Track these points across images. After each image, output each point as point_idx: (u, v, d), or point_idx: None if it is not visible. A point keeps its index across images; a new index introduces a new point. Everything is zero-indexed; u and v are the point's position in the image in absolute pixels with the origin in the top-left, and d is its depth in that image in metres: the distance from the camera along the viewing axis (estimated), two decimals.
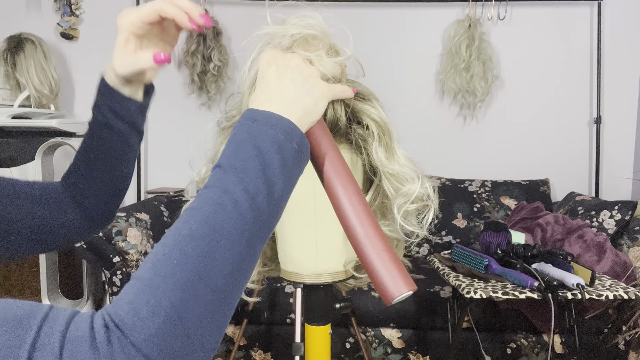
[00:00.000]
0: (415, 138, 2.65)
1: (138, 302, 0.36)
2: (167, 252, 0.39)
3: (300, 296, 1.43)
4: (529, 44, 2.61)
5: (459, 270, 1.57)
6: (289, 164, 0.46)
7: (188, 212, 0.42)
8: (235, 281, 0.40)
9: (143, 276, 0.37)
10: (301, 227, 0.73)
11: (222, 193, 0.42)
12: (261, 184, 0.44)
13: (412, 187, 0.63)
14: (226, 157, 0.46)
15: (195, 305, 0.37)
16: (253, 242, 0.43)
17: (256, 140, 0.46)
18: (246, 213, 0.42)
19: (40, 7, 2.67)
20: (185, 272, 0.37)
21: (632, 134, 2.61)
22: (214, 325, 0.38)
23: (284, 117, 0.48)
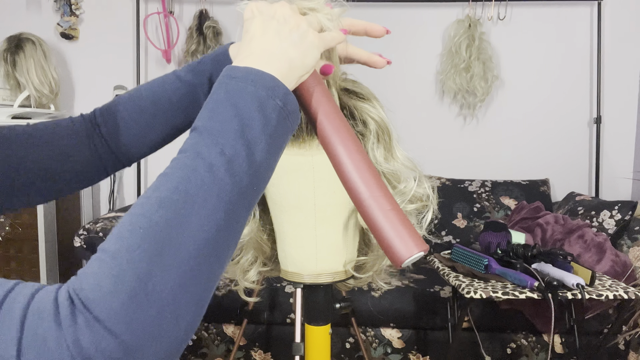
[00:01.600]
0: (415, 138, 2.65)
1: (101, 275, 0.33)
2: (133, 221, 0.36)
3: (300, 296, 1.43)
4: (529, 44, 2.61)
5: (459, 270, 1.57)
6: (272, 122, 0.43)
7: (159, 179, 0.39)
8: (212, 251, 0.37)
9: (108, 248, 0.35)
10: (301, 227, 0.73)
11: (195, 157, 0.39)
12: (240, 145, 0.40)
13: (408, 186, 0.63)
14: (202, 118, 0.42)
15: (164, 277, 0.34)
16: (233, 209, 0.39)
17: (234, 98, 0.42)
18: (223, 177, 0.39)
19: (40, 7, 2.67)
20: (152, 242, 0.35)
21: (632, 134, 2.61)
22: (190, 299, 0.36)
23: (266, 72, 0.44)
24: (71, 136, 0.61)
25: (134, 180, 2.70)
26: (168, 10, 2.60)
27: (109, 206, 2.69)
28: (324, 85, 0.52)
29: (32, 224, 2.25)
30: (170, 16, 2.61)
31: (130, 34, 2.65)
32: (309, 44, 0.49)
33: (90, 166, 0.62)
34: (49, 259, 2.18)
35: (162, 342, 0.34)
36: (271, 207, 0.75)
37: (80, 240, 1.84)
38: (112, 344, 0.32)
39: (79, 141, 0.61)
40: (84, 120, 0.63)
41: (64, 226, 2.32)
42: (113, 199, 2.69)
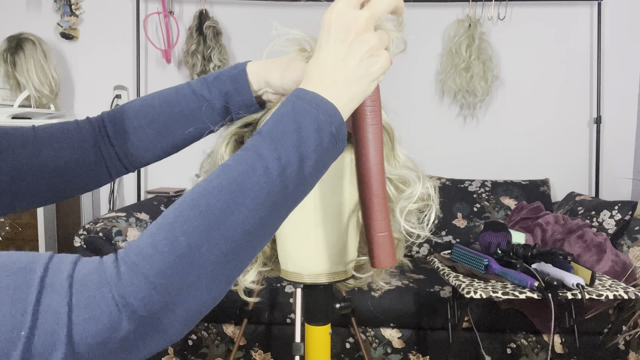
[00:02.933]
0: (415, 138, 2.65)
1: (158, 236, 0.38)
2: (195, 198, 0.41)
3: (300, 296, 1.43)
4: (529, 44, 2.61)
5: (459, 270, 1.57)
6: (323, 145, 0.47)
7: (221, 168, 0.44)
8: (252, 240, 0.42)
9: (167, 216, 0.40)
10: (301, 227, 0.73)
11: (256, 157, 0.44)
12: (294, 156, 0.45)
13: (415, 190, 0.63)
14: (267, 125, 0.47)
15: (209, 252, 0.39)
16: (276, 209, 0.44)
17: (298, 116, 0.47)
18: (275, 180, 0.43)
19: (40, 7, 2.67)
20: (207, 220, 0.40)
21: (632, 134, 2.61)
22: (223, 276, 0.41)
23: (329, 101, 0.49)
24: (77, 140, 0.61)
25: (134, 180, 2.70)
26: (168, 10, 2.60)
27: (109, 206, 2.69)
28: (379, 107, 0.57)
29: (32, 224, 2.25)
30: (170, 16, 2.61)
31: (130, 34, 2.65)
32: (374, 74, 0.52)
33: (94, 171, 0.63)
34: None
35: (192, 305, 0.39)
36: None
37: (80, 240, 1.84)
38: (155, 298, 0.37)
39: (85, 145, 0.62)
40: (91, 125, 0.63)
41: (64, 226, 2.32)
42: (113, 199, 2.69)
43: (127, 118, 0.64)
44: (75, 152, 0.61)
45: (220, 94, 0.64)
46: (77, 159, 0.61)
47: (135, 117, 0.64)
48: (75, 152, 0.61)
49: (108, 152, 0.64)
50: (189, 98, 0.64)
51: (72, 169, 0.61)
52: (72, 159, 0.60)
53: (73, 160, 0.61)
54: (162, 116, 0.64)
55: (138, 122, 0.64)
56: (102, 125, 0.64)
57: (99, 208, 2.74)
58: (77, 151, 0.61)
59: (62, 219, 2.32)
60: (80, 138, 0.62)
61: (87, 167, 0.62)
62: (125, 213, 1.98)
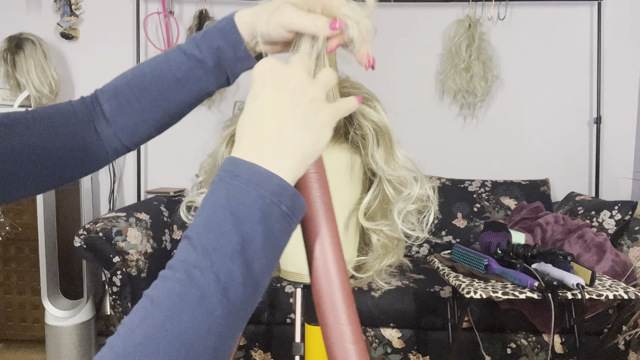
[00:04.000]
0: (415, 138, 2.65)
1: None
2: (117, 347, 0.33)
3: (300, 296, 1.43)
4: (529, 44, 2.61)
5: (459, 270, 1.57)
6: (275, 233, 0.38)
7: (144, 305, 0.35)
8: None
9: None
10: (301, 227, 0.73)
11: (186, 282, 0.35)
12: (237, 266, 0.36)
13: (412, 191, 0.63)
14: (197, 226, 0.37)
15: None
16: (224, 337, 0.36)
17: (234, 204, 0.37)
18: (215, 309, 0.35)
19: (40, 7, 2.67)
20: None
21: (632, 134, 2.61)
22: None
23: (274, 175, 0.39)
24: (72, 120, 0.59)
25: (134, 180, 2.70)
26: (168, 10, 2.60)
27: (109, 206, 2.69)
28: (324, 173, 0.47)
29: (32, 224, 2.25)
30: (170, 16, 2.61)
31: (130, 34, 2.65)
32: (324, 124, 0.43)
33: (92, 151, 0.60)
34: (49, 259, 2.18)
35: None
36: None
37: (80, 240, 1.84)
38: None
39: (80, 125, 0.59)
40: (85, 103, 0.61)
41: (64, 226, 2.32)
42: (113, 199, 2.69)
43: (119, 91, 0.60)
44: (70, 132, 0.58)
45: (211, 51, 0.57)
46: (72, 139, 0.58)
47: (127, 88, 0.60)
48: (70, 131, 0.58)
49: (104, 129, 0.60)
50: (180, 60, 0.59)
51: (68, 149, 0.58)
52: (67, 139, 0.58)
53: (68, 140, 0.58)
54: (155, 83, 0.59)
55: (131, 94, 0.60)
56: (97, 102, 0.61)
57: (99, 208, 2.74)
58: (72, 130, 0.58)
59: (62, 219, 2.31)
60: (74, 117, 0.59)
61: (83, 148, 0.59)
62: (125, 213, 1.98)
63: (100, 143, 0.60)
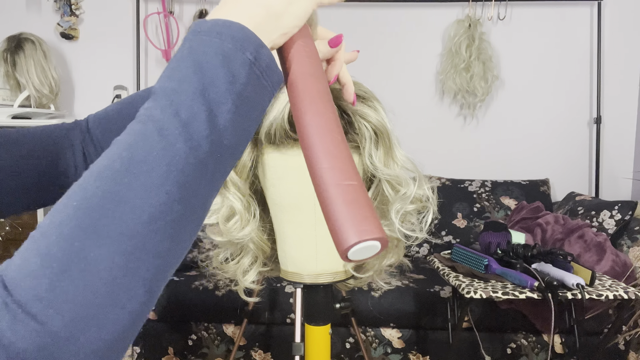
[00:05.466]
0: (415, 138, 2.65)
1: (28, 253, 0.29)
2: (70, 193, 0.32)
3: (300, 296, 1.43)
4: (529, 44, 2.61)
5: (459, 270, 1.57)
6: (240, 80, 0.36)
7: (107, 150, 0.34)
8: (161, 227, 0.32)
9: (41, 224, 0.31)
10: (301, 226, 0.73)
11: (146, 120, 0.34)
12: (199, 105, 0.34)
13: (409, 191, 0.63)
14: (161, 79, 0.37)
15: (99, 254, 0.29)
16: (189, 181, 0.33)
17: (196, 54, 0.36)
18: (175, 143, 0.33)
19: (40, 7, 2.67)
20: (86, 216, 0.30)
21: (632, 134, 2.61)
22: (135, 280, 0.31)
23: (234, 22, 0.37)
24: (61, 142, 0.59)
25: None
26: (168, 10, 2.60)
27: None
28: (312, 45, 0.43)
29: (32, 224, 2.25)
30: (170, 16, 2.61)
31: (130, 34, 2.66)
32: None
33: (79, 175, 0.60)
34: None
35: (100, 329, 0.29)
36: (271, 207, 0.75)
37: None
38: (35, 330, 0.28)
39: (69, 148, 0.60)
40: (77, 128, 0.62)
41: None
42: None
43: (111, 119, 0.61)
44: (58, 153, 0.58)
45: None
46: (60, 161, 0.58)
47: (118, 117, 0.61)
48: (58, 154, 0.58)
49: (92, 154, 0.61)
50: None
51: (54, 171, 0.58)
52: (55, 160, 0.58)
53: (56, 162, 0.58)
54: None
55: (122, 122, 0.60)
56: (87, 128, 0.62)
57: None
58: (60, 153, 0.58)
59: None
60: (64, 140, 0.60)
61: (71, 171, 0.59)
62: None
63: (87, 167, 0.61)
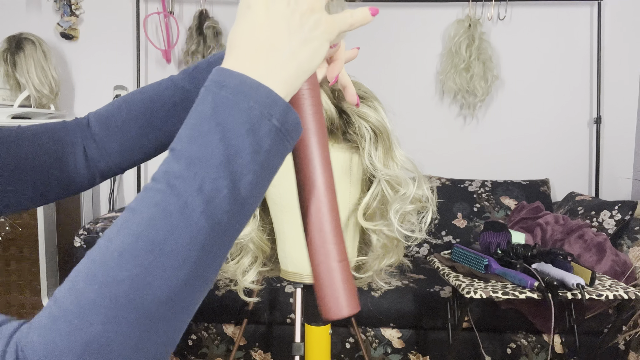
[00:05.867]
0: (415, 138, 2.65)
1: (50, 331, 0.30)
2: (91, 270, 0.32)
3: (300, 296, 1.43)
4: (529, 44, 2.61)
5: (459, 270, 1.57)
6: (264, 148, 0.35)
7: (125, 216, 0.34)
8: (178, 302, 0.33)
9: (61, 298, 0.31)
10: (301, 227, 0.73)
11: (168, 192, 0.33)
12: (222, 179, 0.34)
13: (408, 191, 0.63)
14: (182, 138, 0.35)
15: (119, 337, 0.31)
16: (206, 254, 0.34)
17: (221, 115, 0.35)
18: (197, 221, 0.33)
19: (40, 7, 2.67)
20: (109, 299, 0.31)
21: (632, 134, 2.61)
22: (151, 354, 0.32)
23: (262, 85, 0.36)
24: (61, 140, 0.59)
25: (134, 180, 2.70)
26: (168, 10, 2.60)
27: (109, 206, 2.69)
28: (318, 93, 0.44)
29: (32, 224, 2.25)
30: (170, 16, 2.61)
31: (130, 34, 2.65)
32: (321, 36, 0.39)
33: (80, 172, 0.61)
34: (49, 259, 2.19)
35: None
36: (271, 207, 0.75)
37: (80, 240, 1.84)
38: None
39: (69, 145, 0.60)
40: (77, 125, 0.62)
41: (64, 226, 2.32)
42: (113, 199, 2.69)
43: (111, 116, 0.61)
44: (58, 150, 0.58)
45: (200, 84, 0.58)
46: (61, 158, 0.58)
47: (118, 114, 0.61)
48: (58, 150, 0.58)
49: (93, 152, 0.61)
50: (170, 91, 0.60)
51: (55, 168, 0.58)
52: (55, 156, 0.58)
53: (57, 159, 0.58)
54: (145, 111, 0.61)
55: (122, 119, 0.61)
56: (88, 125, 0.62)
57: (99, 208, 2.74)
58: (60, 149, 0.59)
59: (62, 219, 2.32)
60: (65, 136, 0.60)
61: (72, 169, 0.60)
62: None
63: (88, 164, 0.62)
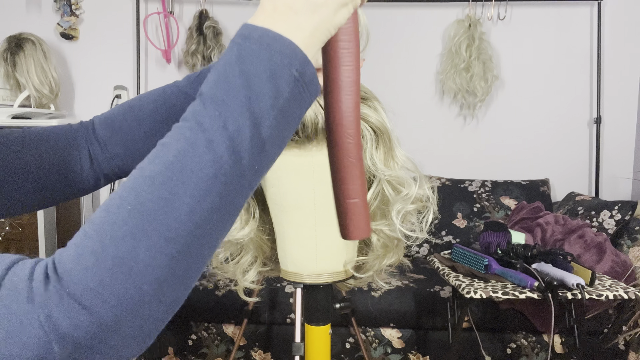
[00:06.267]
0: (415, 138, 2.65)
1: (83, 249, 0.33)
2: (123, 195, 0.35)
3: (300, 296, 1.43)
4: (529, 44, 2.61)
5: (459, 270, 1.57)
6: (284, 95, 0.39)
7: (156, 149, 0.37)
8: (202, 233, 0.35)
9: (94, 220, 0.34)
10: (301, 227, 0.73)
11: (195, 129, 0.37)
12: (245, 119, 0.37)
13: (410, 191, 0.63)
14: (208, 82, 0.39)
15: (148, 257, 0.33)
16: (229, 190, 0.37)
17: (245, 64, 0.38)
18: (222, 155, 0.36)
19: (40, 7, 2.67)
20: (139, 221, 0.33)
21: (632, 134, 2.61)
22: (175, 280, 0.35)
23: (284, 37, 0.39)
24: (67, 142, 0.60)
25: None
26: (168, 10, 2.60)
27: None
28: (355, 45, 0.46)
29: (32, 224, 2.25)
30: (170, 16, 2.61)
31: (130, 34, 2.65)
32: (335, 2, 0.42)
33: (84, 175, 0.61)
34: None
35: (141, 320, 0.33)
36: (271, 207, 0.76)
37: None
38: (87, 319, 0.31)
39: (74, 148, 0.61)
40: (82, 127, 0.62)
41: (64, 226, 2.32)
42: None
43: (116, 120, 0.62)
44: (64, 153, 0.59)
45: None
46: (66, 161, 0.59)
47: (123, 119, 0.62)
48: (64, 152, 0.59)
49: (98, 154, 0.62)
50: (174, 97, 0.61)
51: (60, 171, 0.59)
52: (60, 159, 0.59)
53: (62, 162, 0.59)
54: (149, 117, 0.61)
55: (126, 124, 0.62)
56: (92, 128, 0.63)
57: None
58: (66, 152, 0.59)
59: (62, 219, 2.32)
60: (70, 139, 0.60)
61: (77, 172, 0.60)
62: None
63: (93, 167, 0.62)
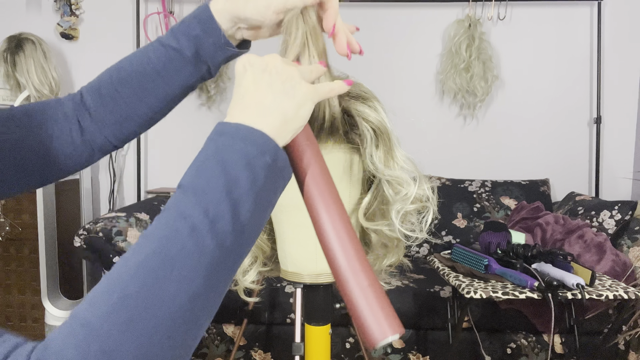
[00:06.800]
0: (415, 138, 2.65)
1: (67, 345, 0.32)
2: (109, 286, 0.35)
3: (300, 296, 1.43)
4: (529, 44, 2.61)
5: (459, 270, 1.57)
6: (259, 180, 0.41)
7: (139, 241, 0.38)
8: (188, 317, 0.36)
9: (79, 314, 0.34)
10: (301, 227, 0.73)
11: (177, 217, 0.38)
12: (224, 205, 0.39)
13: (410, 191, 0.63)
14: (188, 175, 0.41)
15: (133, 349, 0.33)
16: (214, 274, 0.38)
17: (221, 154, 0.41)
18: (204, 240, 0.37)
19: (40, 7, 2.67)
20: (124, 312, 0.34)
21: (632, 134, 2.61)
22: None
23: (256, 129, 0.43)
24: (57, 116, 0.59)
25: (134, 180, 2.70)
26: (168, 10, 2.60)
27: (109, 206, 2.69)
28: (314, 140, 0.52)
29: (32, 224, 2.25)
30: (170, 16, 2.61)
31: (130, 34, 2.65)
32: (303, 95, 0.47)
33: (77, 148, 0.60)
34: (49, 259, 2.19)
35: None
36: None
37: (80, 240, 1.84)
38: None
39: (65, 121, 0.59)
40: (71, 100, 0.61)
41: (64, 226, 2.32)
42: (113, 199, 2.69)
43: (102, 87, 0.60)
44: (55, 127, 0.58)
45: (189, 40, 0.57)
46: (57, 135, 0.58)
47: (110, 84, 0.60)
48: (55, 127, 0.58)
49: (89, 126, 0.60)
50: (159, 52, 0.59)
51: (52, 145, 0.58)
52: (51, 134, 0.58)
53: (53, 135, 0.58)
54: (136, 78, 0.59)
55: (114, 89, 0.59)
56: (81, 99, 0.61)
57: (99, 208, 2.74)
58: (57, 126, 0.59)
59: (62, 219, 2.32)
60: (59, 113, 0.59)
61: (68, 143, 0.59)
62: (125, 213, 1.98)
63: (85, 139, 0.61)
